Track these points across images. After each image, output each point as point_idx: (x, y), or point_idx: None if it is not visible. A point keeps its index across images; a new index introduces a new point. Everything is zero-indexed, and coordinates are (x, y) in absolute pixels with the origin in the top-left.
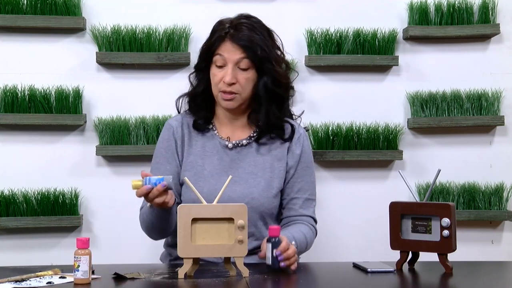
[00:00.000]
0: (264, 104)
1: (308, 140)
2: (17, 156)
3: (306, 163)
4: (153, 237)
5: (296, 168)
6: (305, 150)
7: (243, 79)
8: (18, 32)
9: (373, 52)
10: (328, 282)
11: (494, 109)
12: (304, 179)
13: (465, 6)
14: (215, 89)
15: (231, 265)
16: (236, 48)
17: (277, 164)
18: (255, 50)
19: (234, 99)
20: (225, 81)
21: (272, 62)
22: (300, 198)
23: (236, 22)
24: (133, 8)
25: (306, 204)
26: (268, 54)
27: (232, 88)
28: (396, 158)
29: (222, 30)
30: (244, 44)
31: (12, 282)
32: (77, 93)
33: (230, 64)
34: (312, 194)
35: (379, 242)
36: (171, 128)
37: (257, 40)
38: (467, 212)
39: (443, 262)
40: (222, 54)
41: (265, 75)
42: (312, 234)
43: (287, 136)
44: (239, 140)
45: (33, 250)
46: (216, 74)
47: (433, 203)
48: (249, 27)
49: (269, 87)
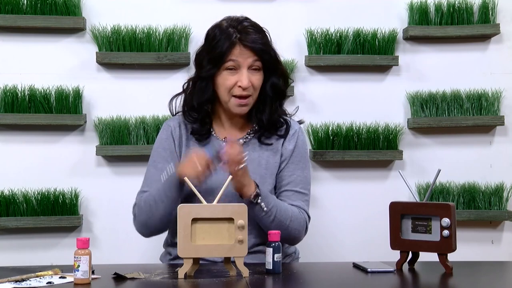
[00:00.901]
0: (268, 103)
1: (303, 135)
2: (17, 156)
3: (299, 157)
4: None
5: (288, 162)
6: (299, 145)
7: (256, 80)
8: (18, 32)
9: (373, 52)
10: (328, 282)
11: (494, 109)
12: (295, 172)
13: (465, 6)
14: (226, 95)
15: (231, 265)
16: (249, 51)
17: (272, 160)
18: (268, 52)
19: (248, 104)
20: (242, 85)
21: (279, 61)
22: (290, 190)
23: (239, 26)
24: (133, 8)
25: (296, 196)
26: (276, 54)
27: (248, 92)
28: (396, 158)
29: (230, 36)
30: (256, 47)
31: (12, 282)
32: (77, 93)
33: (244, 69)
34: (304, 188)
35: (379, 242)
36: (169, 128)
37: (266, 41)
38: (467, 212)
39: (443, 262)
40: (235, 59)
41: (274, 75)
42: (299, 216)
43: (283, 132)
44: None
45: (33, 250)
46: (228, 79)
47: (433, 203)
48: (255, 30)
49: (279, 86)
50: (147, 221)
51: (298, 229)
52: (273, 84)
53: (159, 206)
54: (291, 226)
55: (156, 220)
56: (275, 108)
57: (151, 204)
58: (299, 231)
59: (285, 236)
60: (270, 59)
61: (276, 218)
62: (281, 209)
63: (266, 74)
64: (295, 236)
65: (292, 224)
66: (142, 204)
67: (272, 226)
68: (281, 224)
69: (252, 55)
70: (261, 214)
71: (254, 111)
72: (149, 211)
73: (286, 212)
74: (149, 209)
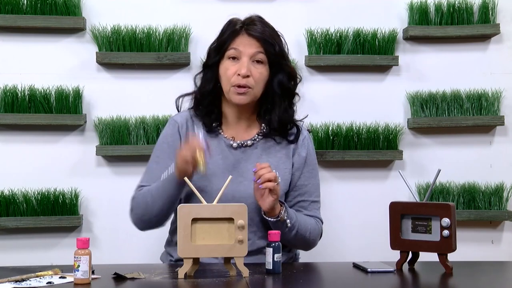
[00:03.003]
0: (277, 102)
1: (312, 143)
2: (17, 156)
3: (312, 165)
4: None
5: (302, 171)
6: (310, 153)
7: (258, 73)
8: (18, 32)
9: (373, 52)
10: (328, 282)
11: (494, 109)
12: (310, 181)
13: (465, 6)
14: (227, 85)
15: (231, 265)
16: (253, 41)
17: (282, 165)
18: (273, 45)
19: (247, 93)
20: (240, 73)
21: (285, 58)
22: (307, 201)
23: (248, 20)
24: (133, 8)
25: (312, 206)
26: (282, 50)
27: (247, 82)
28: (396, 158)
29: (236, 25)
30: (261, 37)
31: (12, 282)
32: (77, 93)
33: (246, 58)
34: (317, 196)
35: (379, 242)
36: (176, 124)
37: (273, 35)
38: (467, 212)
39: (443, 262)
40: (237, 47)
41: (280, 72)
42: (316, 226)
43: (293, 137)
44: (244, 140)
45: (33, 250)
46: (229, 68)
47: (433, 203)
48: (262, 23)
49: (285, 83)
50: (143, 216)
51: (315, 238)
52: (280, 81)
53: (156, 203)
54: (310, 237)
55: (151, 216)
56: (285, 108)
57: (148, 201)
58: (315, 240)
59: (303, 246)
60: (274, 53)
61: (298, 233)
62: (301, 223)
63: (272, 70)
64: (312, 245)
65: (311, 235)
66: (140, 198)
67: (293, 239)
68: (302, 237)
69: (255, 45)
70: (285, 230)
71: (263, 111)
72: (146, 207)
73: (306, 226)
74: (146, 205)
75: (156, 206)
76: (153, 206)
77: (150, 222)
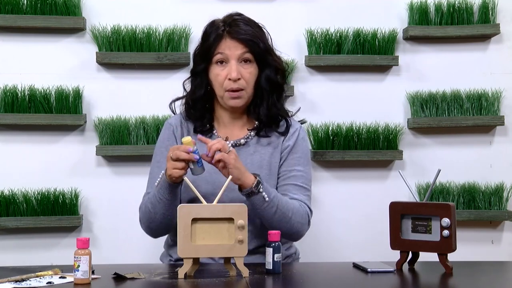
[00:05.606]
0: (265, 97)
1: (304, 133)
2: (17, 156)
3: (299, 153)
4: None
5: (287, 157)
6: (299, 143)
7: (247, 73)
8: (18, 32)
9: (373, 52)
10: (328, 282)
11: (494, 109)
12: (295, 167)
13: (465, 6)
14: (220, 90)
15: (231, 265)
16: (237, 43)
17: (273, 160)
18: (257, 43)
19: (242, 96)
20: (231, 77)
21: (271, 53)
22: (291, 184)
23: (229, 20)
24: (133, 8)
25: (297, 190)
26: (267, 46)
27: (239, 85)
28: (396, 158)
29: (218, 29)
30: (244, 38)
31: (12, 282)
32: (77, 93)
33: (233, 60)
34: (305, 184)
35: (379, 242)
36: (171, 127)
37: (256, 33)
38: (467, 212)
39: (443, 262)
40: (223, 52)
41: (267, 67)
42: (300, 208)
43: (283, 129)
44: (237, 140)
45: (33, 250)
46: (219, 74)
47: (433, 203)
48: (244, 22)
49: (272, 78)
50: (150, 224)
51: (301, 222)
52: (267, 76)
53: (157, 210)
54: (294, 218)
55: (157, 223)
56: (273, 102)
57: (150, 209)
58: (302, 224)
59: (288, 230)
60: (260, 51)
61: (279, 209)
62: (282, 200)
63: (259, 67)
64: (298, 229)
65: (295, 216)
66: (143, 207)
67: (275, 218)
68: (284, 216)
69: (240, 47)
70: (263, 205)
71: (252, 106)
72: (149, 216)
73: (288, 204)
74: (149, 214)
75: (158, 213)
76: (156, 214)
77: (158, 229)
